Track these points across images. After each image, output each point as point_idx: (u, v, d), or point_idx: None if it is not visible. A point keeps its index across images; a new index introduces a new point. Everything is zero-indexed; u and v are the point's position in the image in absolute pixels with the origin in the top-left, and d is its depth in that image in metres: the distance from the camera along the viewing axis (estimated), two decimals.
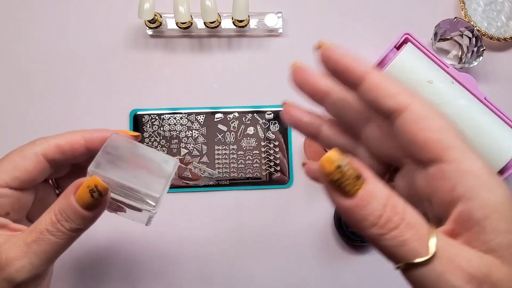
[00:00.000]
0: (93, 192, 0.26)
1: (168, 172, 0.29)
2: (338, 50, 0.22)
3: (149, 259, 0.44)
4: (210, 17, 0.42)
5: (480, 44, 0.43)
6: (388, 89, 0.21)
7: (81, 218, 0.26)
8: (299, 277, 0.44)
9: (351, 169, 0.19)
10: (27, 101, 0.45)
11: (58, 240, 0.26)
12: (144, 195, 0.28)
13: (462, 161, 0.19)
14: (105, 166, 0.27)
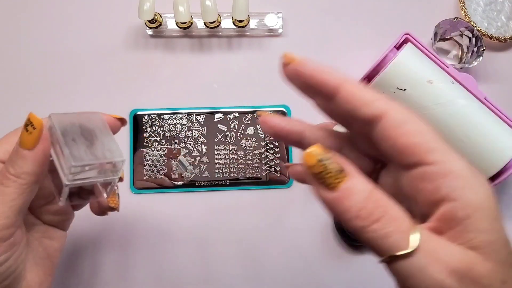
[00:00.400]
0: (27, 126, 0.26)
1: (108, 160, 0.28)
2: (309, 63, 0.22)
3: (149, 259, 0.44)
4: (210, 17, 0.42)
5: (480, 44, 0.43)
6: (364, 98, 0.21)
7: (22, 158, 0.26)
8: (299, 277, 0.44)
9: (333, 163, 0.20)
10: (27, 101, 0.45)
11: (7, 188, 0.26)
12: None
13: (444, 162, 0.20)
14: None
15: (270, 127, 0.26)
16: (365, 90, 0.21)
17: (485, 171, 0.40)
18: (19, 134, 0.28)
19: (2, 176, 0.26)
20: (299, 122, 0.26)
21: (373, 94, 0.21)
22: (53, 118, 0.27)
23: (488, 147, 0.39)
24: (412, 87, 0.39)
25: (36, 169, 0.26)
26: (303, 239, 0.44)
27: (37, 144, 0.26)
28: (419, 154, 0.20)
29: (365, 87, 0.22)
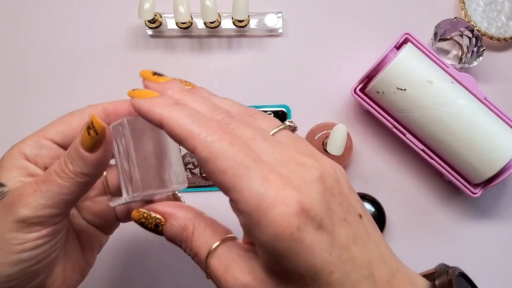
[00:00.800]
0: (89, 129, 0.26)
1: (171, 188, 0.28)
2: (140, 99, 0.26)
3: (149, 259, 0.44)
4: (210, 17, 0.42)
5: (480, 44, 0.43)
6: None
7: (82, 159, 0.26)
8: None
9: (150, 218, 0.26)
10: (27, 100, 0.45)
11: (63, 182, 0.26)
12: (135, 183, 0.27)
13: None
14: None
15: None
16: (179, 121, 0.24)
17: (485, 171, 0.40)
18: (75, 118, 0.29)
19: (60, 169, 0.27)
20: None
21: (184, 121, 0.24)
22: (128, 126, 0.26)
23: (488, 147, 0.39)
24: (412, 87, 0.39)
25: (94, 172, 0.27)
26: None
27: (98, 149, 0.26)
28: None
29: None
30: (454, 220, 0.45)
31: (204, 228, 0.26)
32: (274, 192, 0.21)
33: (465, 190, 0.41)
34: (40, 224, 0.27)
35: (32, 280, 0.28)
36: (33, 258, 0.27)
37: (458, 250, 0.44)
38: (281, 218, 0.21)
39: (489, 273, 0.44)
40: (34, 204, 0.26)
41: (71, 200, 0.27)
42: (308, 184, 0.22)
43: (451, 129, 0.39)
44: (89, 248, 0.32)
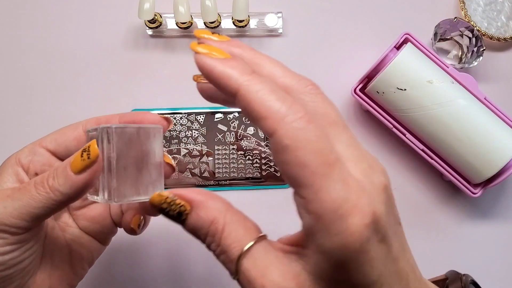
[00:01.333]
0: (83, 151, 0.25)
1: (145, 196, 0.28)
2: (215, 60, 0.21)
3: (149, 259, 0.44)
4: (210, 17, 0.42)
5: (480, 44, 0.43)
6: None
7: (64, 177, 0.25)
8: None
9: (174, 204, 0.24)
10: (26, 100, 0.45)
11: (36, 194, 0.26)
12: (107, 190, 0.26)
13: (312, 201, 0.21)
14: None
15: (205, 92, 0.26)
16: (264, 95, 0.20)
17: (485, 171, 0.40)
18: (70, 128, 0.29)
19: (40, 181, 0.26)
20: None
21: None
22: (115, 134, 0.26)
23: (488, 147, 0.39)
24: (412, 87, 0.39)
25: (70, 193, 0.26)
26: None
27: (83, 173, 0.25)
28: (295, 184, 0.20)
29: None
30: (454, 220, 0.45)
31: (237, 224, 0.23)
32: (354, 199, 0.19)
33: (465, 190, 0.41)
34: (5, 232, 0.26)
35: (8, 285, 0.27)
36: (3, 264, 0.26)
37: (458, 250, 0.44)
38: (356, 228, 0.19)
39: (489, 273, 0.44)
40: (0, 210, 0.26)
41: (39, 215, 0.26)
42: (378, 193, 0.20)
43: (451, 129, 0.39)
44: (79, 260, 0.31)
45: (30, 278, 0.29)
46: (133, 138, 0.26)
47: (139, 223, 0.31)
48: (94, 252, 0.32)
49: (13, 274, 0.27)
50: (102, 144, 0.26)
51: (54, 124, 0.45)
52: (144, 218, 0.31)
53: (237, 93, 0.20)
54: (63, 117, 0.45)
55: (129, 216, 0.30)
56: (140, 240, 0.44)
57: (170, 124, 0.30)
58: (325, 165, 0.19)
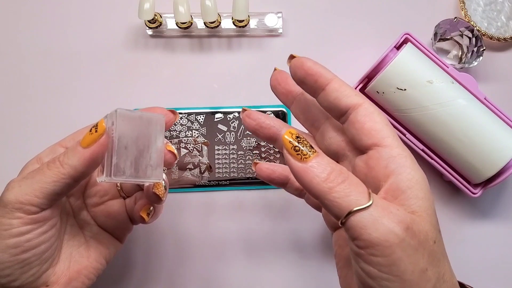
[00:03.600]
0: (92, 128, 0.28)
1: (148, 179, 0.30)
2: (309, 59, 0.28)
3: (149, 259, 0.44)
4: (210, 17, 0.42)
5: (480, 44, 0.43)
6: (348, 91, 0.27)
7: (74, 152, 0.28)
8: (300, 277, 0.44)
9: (306, 140, 0.25)
10: (26, 100, 0.45)
11: (49, 171, 0.28)
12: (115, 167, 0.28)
13: (395, 147, 0.26)
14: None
15: (254, 119, 0.31)
16: (349, 86, 0.28)
17: (485, 171, 0.40)
18: (89, 127, 0.30)
19: (53, 159, 0.28)
20: (277, 121, 0.31)
21: (354, 91, 0.27)
22: (118, 115, 0.28)
23: (488, 147, 0.39)
24: (412, 87, 0.39)
25: (78, 166, 0.28)
26: (304, 238, 0.44)
27: (91, 146, 0.27)
28: (377, 138, 0.26)
29: (349, 85, 0.28)
30: (454, 220, 0.45)
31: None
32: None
33: (465, 190, 0.41)
34: (21, 211, 0.28)
35: (27, 271, 0.29)
36: (19, 245, 0.28)
37: (458, 250, 0.44)
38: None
39: (489, 273, 0.44)
40: (16, 189, 0.28)
41: (50, 191, 0.28)
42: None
43: (451, 129, 0.39)
44: (97, 255, 0.33)
45: (49, 268, 0.30)
46: (136, 122, 0.29)
47: (148, 212, 0.33)
48: (112, 248, 0.35)
49: (31, 260, 0.29)
50: (108, 124, 0.28)
51: (54, 124, 0.45)
52: (153, 209, 0.34)
53: (333, 79, 0.28)
54: (63, 117, 0.45)
55: (140, 205, 0.33)
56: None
57: (176, 116, 0.32)
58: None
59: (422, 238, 0.24)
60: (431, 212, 0.25)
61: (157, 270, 0.44)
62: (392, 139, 0.26)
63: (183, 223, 0.44)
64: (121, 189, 0.35)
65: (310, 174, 0.24)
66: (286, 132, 0.25)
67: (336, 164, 0.25)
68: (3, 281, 0.28)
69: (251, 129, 0.32)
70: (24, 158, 0.33)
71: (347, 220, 0.23)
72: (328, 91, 0.27)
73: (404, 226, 0.23)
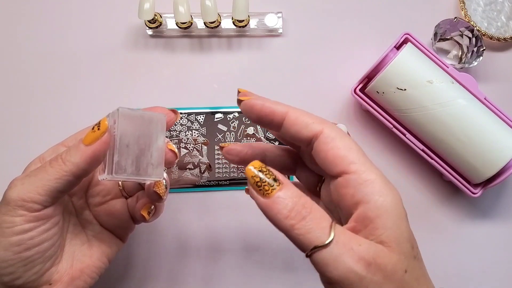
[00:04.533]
0: (95, 126, 0.28)
1: (149, 177, 0.30)
2: (258, 98, 0.28)
3: (148, 259, 0.44)
4: (210, 17, 0.42)
5: (480, 44, 0.43)
6: (306, 120, 0.27)
7: (77, 149, 0.28)
8: (300, 277, 0.44)
9: (269, 174, 0.24)
10: (26, 100, 0.45)
11: (51, 168, 0.28)
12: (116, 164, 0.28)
13: (362, 172, 0.25)
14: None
15: (235, 155, 0.32)
16: (307, 114, 0.27)
17: (485, 171, 0.40)
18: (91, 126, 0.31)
19: (55, 157, 0.29)
20: (260, 145, 0.32)
21: (313, 117, 0.27)
22: (120, 114, 0.28)
23: (488, 147, 0.39)
24: (412, 87, 0.39)
25: (80, 163, 0.28)
26: None
27: (93, 143, 0.28)
28: (342, 165, 0.25)
29: (306, 112, 0.27)
30: (454, 220, 0.45)
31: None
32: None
33: (465, 190, 0.41)
34: (24, 208, 0.28)
35: (30, 269, 0.29)
36: (22, 243, 0.28)
37: (458, 250, 0.44)
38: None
39: (489, 273, 0.44)
40: (18, 187, 0.28)
41: (52, 188, 0.28)
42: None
43: (451, 129, 0.39)
44: (100, 254, 0.33)
45: (52, 267, 0.31)
46: (137, 121, 0.29)
47: (149, 211, 0.33)
48: (114, 247, 0.35)
49: (34, 257, 0.29)
50: (110, 122, 0.28)
51: (54, 124, 0.45)
52: (154, 207, 0.34)
53: (287, 114, 0.27)
54: (63, 117, 0.45)
55: (141, 204, 0.33)
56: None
57: (177, 116, 0.32)
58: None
59: (389, 270, 0.23)
60: (402, 240, 0.24)
61: (158, 268, 0.44)
62: (359, 164, 0.25)
63: (183, 222, 0.44)
64: (123, 188, 0.35)
65: (272, 211, 0.24)
66: (248, 166, 0.24)
67: (301, 196, 0.24)
68: (6, 279, 0.29)
69: (236, 163, 0.33)
70: (25, 157, 0.33)
71: (311, 255, 0.23)
72: (286, 126, 0.27)
73: (365, 263, 0.23)
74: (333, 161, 0.25)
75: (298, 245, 0.23)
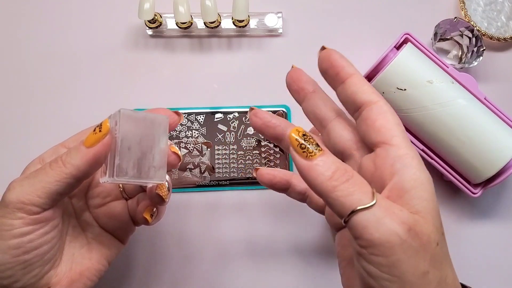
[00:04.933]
0: (96, 127, 0.28)
1: (151, 180, 0.30)
2: (337, 52, 0.29)
3: (148, 259, 0.44)
4: (210, 17, 0.42)
5: (480, 44, 0.43)
6: (366, 88, 0.28)
7: (77, 151, 0.28)
8: (300, 277, 0.44)
9: (312, 138, 0.25)
10: (26, 100, 0.45)
11: (51, 170, 0.28)
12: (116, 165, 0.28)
13: (402, 147, 0.26)
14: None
15: (260, 119, 0.31)
16: (368, 84, 0.28)
17: (485, 171, 0.40)
18: (92, 127, 0.30)
19: (55, 159, 0.28)
20: (283, 120, 0.31)
21: (372, 88, 0.28)
22: (122, 116, 0.28)
23: (488, 147, 0.39)
24: (412, 87, 0.39)
25: (80, 165, 0.28)
26: (304, 239, 0.44)
27: (95, 145, 0.27)
28: (386, 136, 0.26)
29: (369, 83, 0.28)
30: (454, 220, 0.45)
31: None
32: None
33: (465, 190, 0.41)
34: (23, 211, 0.28)
35: (28, 272, 0.29)
36: (21, 246, 0.28)
37: (458, 250, 0.44)
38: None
39: (489, 273, 0.44)
40: (17, 189, 0.28)
41: (52, 191, 0.28)
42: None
43: (451, 129, 0.39)
44: (99, 257, 0.33)
45: (51, 270, 0.30)
46: (139, 123, 0.29)
47: (152, 213, 0.33)
48: (114, 249, 0.35)
49: (33, 261, 0.29)
50: (111, 124, 0.28)
51: (54, 124, 0.45)
52: (156, 210, 0.34)
53: (352, 75, 0.28)
54: (63, 117, 0.45)
55: (143, 207, 0.33)
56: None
57: (180, 118, 0.32)
58: None
59: (425, 240, 0.23)
60: (435, 214, 0.25)
61: (159, 270, 0.44)
62: (401, 138, 0.26)
63: (184, 223, 0.44)
64: (124, 190, 0.35)
65: (315, 172, 0.24)
66: (293, 129, 0.25)
67: (342, 163, 0.24)
68: (5, 283, 0.28)
69: (257, 128, 0.32)
70: (23, 158, 0.33)
71: (350, 219, 0.23)
72: (347, 85, 0.28)
73: (407, 227, 0.23)
74: (379, 129, 0.26)
75: (338, 208, 0.23)
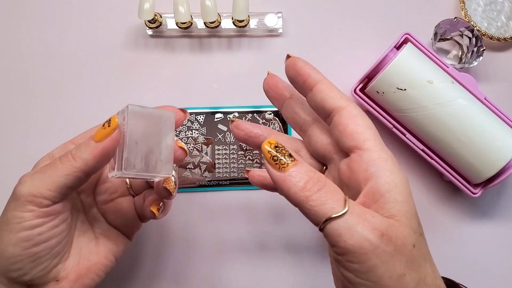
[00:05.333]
0: (105, 123, 0.28)
1: (158, 174, 0.30)
2: (302, 60, 0.30)
3: (148, 259, 0.44)
4: (210, 17, 0.42)
5: (480, 44, 0.43)
6: (334, 93, 0.28)
7: (87, 145, 0.28)
8: (300, 277, 0.44)
9: (284, 149, 0.25)
10: (27, 100, 0.45)
11: (61, 164, 0.28)
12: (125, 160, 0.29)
13: (376, 150, 0.26)
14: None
15: (242, 131, 0.33)
16: (336, 89, 0.29)
17: (485, 171, 0.40)
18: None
19: (65, 153, 0.29)
20: (266, 128, 0.33)
21: (341, 93, 0.28)
22: (130, 111, 0.28)
23: (488, 147, 0.39)
24: (412, 87, 0.39)
25: (89, 159, 0.28)
26: (305, 238, 0.44)
27: (104, 140, 0.28)
28: (358, 140, 0.27)
29: (337, 88, 0.29)
30: (454, 220, 0.45)
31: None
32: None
33: (465, 190, 0.41)
34: (33, 204, 0.28)
35: (37, 265, 0.29)
36: (31, 239, 0.28)
37: (458, 250, 0.44)
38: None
39: (489, 273, 0.44)
40: (28, 182, 0.28)
41: (62, 184, 0.28)
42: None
43: (451, 129, 0.39)
44: (106, 252, 0.34)
45: (59, 263, 0.31)
46: (147, 118, 0.29)
47: (159, 207, 0.34)
48: (120, 245, 0.35)
49: (42, 253, 0.29)
50: (120, 119, 0.28)
51: (55, 124, 0.45)
52: (163, 204, 0.34)
53: (319, 81, 0.29)
54: (63, 117, 0.45)
55: (150, 201, 0.34)
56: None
57: (186, 115, 0.33)
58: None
59: (400, 243, 0.24)
60: (410, 216, 0.25)
61: (163, 267, 0.44)
62: (374, 141, 0.26)
63: (185, 222, 0.44)
64: (130, 186, 0.35)
65: (288, 183, 0.24)
66: (265, 142, 0.25)
67: (315, 172, 0.25)
68: (14, 275, 0.29)
69: (240, 139, 0.33)
70: (25, 156, 0.33)
71: (324, 227, 0.24)
72: (315, 91, 0.29)
73: (379, 233, 0.23)
74: (350, 135, 0.27)
75: (312, 217, 0.24)
